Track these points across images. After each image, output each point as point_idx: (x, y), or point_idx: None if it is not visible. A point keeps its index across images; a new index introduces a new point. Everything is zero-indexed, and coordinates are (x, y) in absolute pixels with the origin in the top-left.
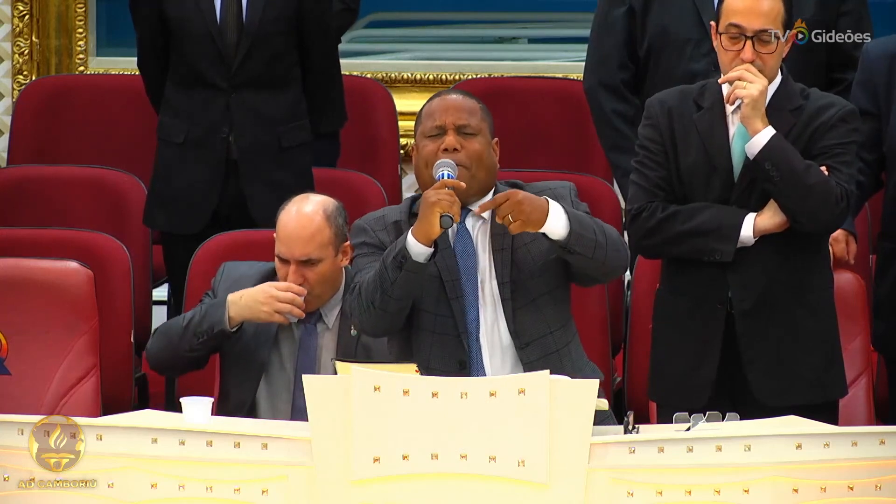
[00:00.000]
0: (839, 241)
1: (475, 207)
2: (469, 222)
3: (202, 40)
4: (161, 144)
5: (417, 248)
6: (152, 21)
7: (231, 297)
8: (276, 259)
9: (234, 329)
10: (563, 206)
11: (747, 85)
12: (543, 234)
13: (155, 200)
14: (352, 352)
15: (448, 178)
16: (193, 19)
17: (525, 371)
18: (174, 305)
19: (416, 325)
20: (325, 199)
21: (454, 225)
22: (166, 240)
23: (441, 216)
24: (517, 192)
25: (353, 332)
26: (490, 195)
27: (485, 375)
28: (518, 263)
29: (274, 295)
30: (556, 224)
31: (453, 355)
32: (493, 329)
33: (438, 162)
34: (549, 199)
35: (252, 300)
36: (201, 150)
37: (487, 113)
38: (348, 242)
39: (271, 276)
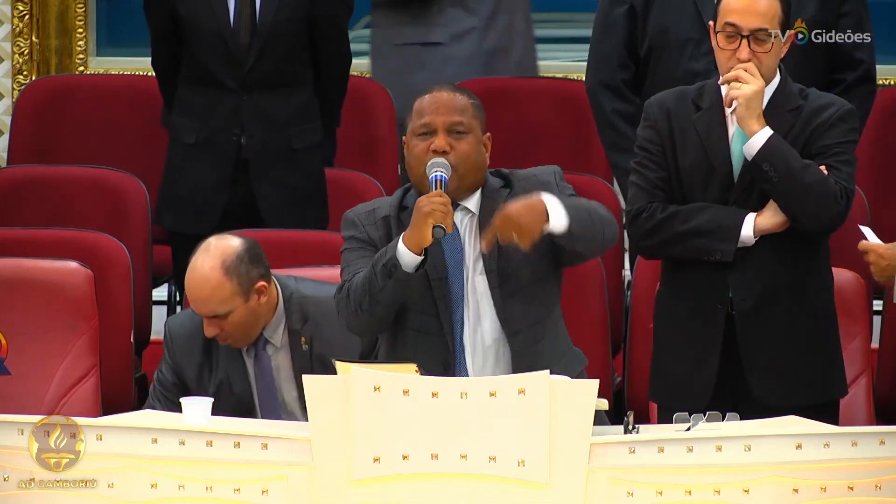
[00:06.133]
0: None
1: (468, 204)
2: (457, 217)
3: (214, 40)
4: (172, 143)
5: (407, 258)
6: (164, 20)
7: None
8: None
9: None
10: (556, 196)
11: (742, 86)
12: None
13: (165, 200)
14: (308, 366)
15: (441, 179)
16: (206, 19)
17: (511, 362)
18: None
19: (402, 324)
20: (227, 246)
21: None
22: (175, 239)
23: (434, 227)
24: (507, 207)
25: (304, 347)
26: (479, 193)
27: (467, 376)
28: (506, 252)
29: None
30: (558, 218)
31: (438, 356)
32: (475, 329)
33: (431, 162)
34: (542, 193)
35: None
36: (212, 150)
37: (479, 108)
38: (262, 282)
39: None
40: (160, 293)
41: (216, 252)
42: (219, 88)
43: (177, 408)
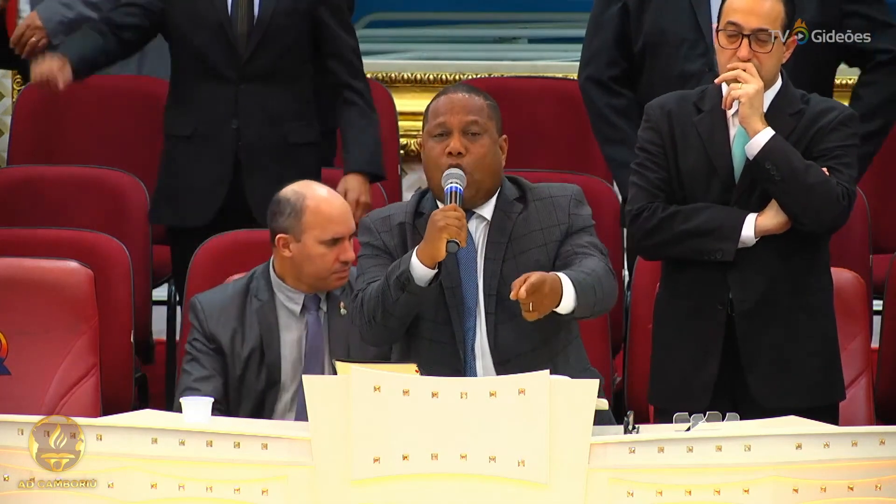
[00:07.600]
0: None
1: (483, 212)
2: (472, 224)
3: (213, 30)
4: (168, 139)
5: (421, 271)
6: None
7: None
8: (318, 246)
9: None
10: (571, 279)
11: (742, 85)
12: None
13: (162, 195)
14: (346, 331)
15: (456, 191)
16: (204, 9)
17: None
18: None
19: (415, 332)
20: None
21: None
22: (173, 235)
23: (448, 241)
24: (544, 281)
25: (342, 311)
26: (494, 199)
27: None
28: (505, 277)
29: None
30: (567, 303)
31: (450, 364)
32: (486, 338)
33: (447, 173)
34: (562, 276)
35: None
36: (209, 143)
37: (495, 109)
38: None
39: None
40: (160, 293)
41: (317, 184)
42: (216, 80)
43: (219, 364)
